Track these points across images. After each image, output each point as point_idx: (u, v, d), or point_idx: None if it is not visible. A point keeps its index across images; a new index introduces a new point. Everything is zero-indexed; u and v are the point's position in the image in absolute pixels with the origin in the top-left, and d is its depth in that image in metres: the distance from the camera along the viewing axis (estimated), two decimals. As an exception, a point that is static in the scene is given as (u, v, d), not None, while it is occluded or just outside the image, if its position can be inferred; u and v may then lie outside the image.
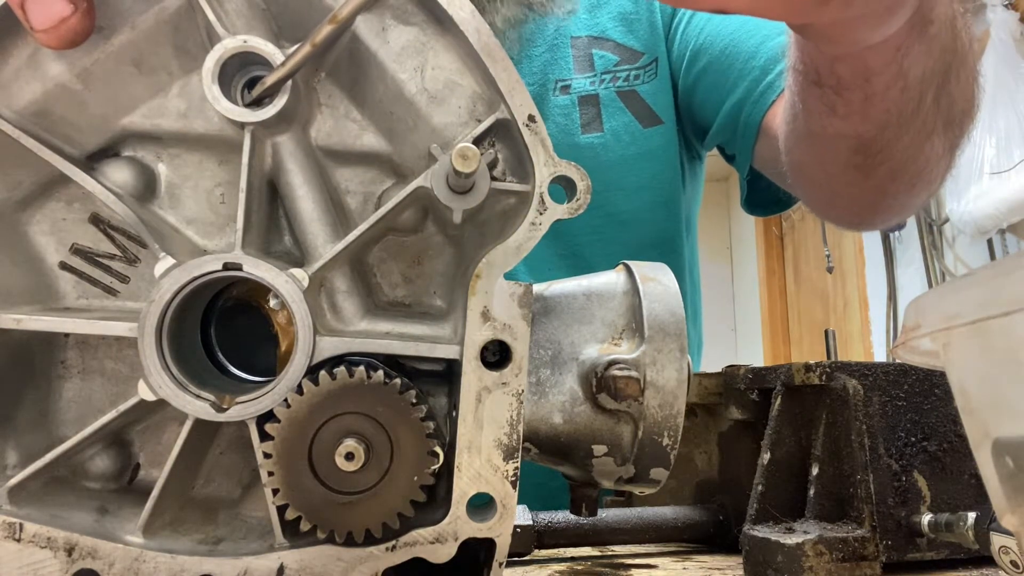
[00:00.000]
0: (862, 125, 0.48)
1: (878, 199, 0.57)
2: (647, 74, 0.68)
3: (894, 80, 0.44)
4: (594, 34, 0.69)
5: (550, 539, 0.44)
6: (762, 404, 0.45)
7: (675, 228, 0.70)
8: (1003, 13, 1.61)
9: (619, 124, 0.67)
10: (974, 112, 0.54)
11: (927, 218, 2.07)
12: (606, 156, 0.66)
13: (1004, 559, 0.34)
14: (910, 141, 0.50)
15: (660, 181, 0.67)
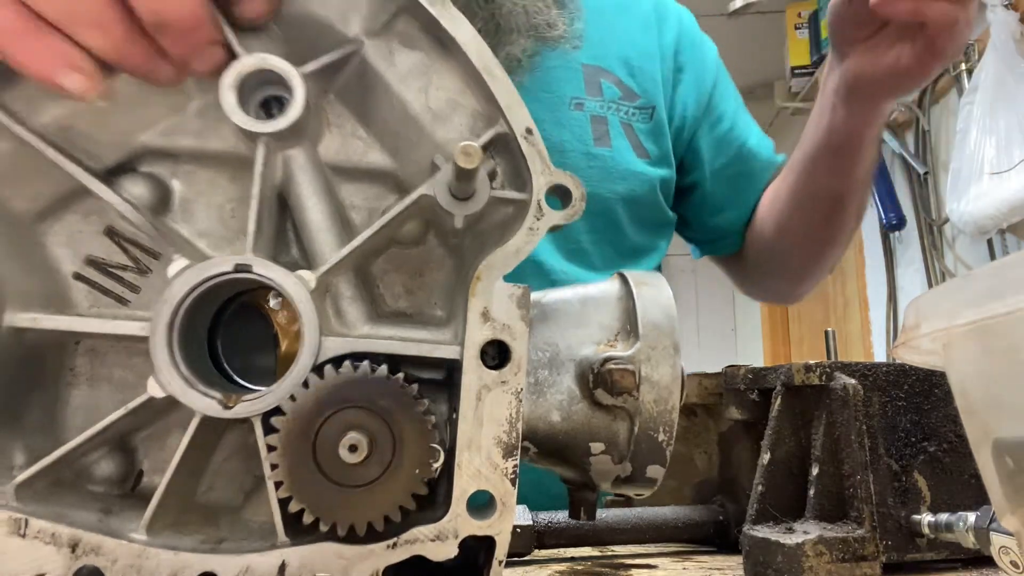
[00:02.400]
0: (842, 182, 0.73)
1: (826, 247, 0.81)
2: (643, 115, 0.78)
3: (868, 153, 0.71)
4: (601, 65, 0.77)
5: (550, 539, 0.44)
6: (762, 404, 0.45)
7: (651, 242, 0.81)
8: (1003, 13, 1.61)
9: (622, 145, 0.76)
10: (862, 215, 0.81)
11: (927, 218, 2.07)
12: (614, 168, 0.75)
13: (1004, 559, 0.34)
14: (854, 203, 0.76)
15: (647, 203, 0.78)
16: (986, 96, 1.61)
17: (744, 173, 0.84)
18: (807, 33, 2.50)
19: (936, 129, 2.07)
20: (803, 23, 2.52)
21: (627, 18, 0.82)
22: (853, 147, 0.70)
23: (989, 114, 1.60)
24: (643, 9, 0.83)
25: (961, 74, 1.85)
